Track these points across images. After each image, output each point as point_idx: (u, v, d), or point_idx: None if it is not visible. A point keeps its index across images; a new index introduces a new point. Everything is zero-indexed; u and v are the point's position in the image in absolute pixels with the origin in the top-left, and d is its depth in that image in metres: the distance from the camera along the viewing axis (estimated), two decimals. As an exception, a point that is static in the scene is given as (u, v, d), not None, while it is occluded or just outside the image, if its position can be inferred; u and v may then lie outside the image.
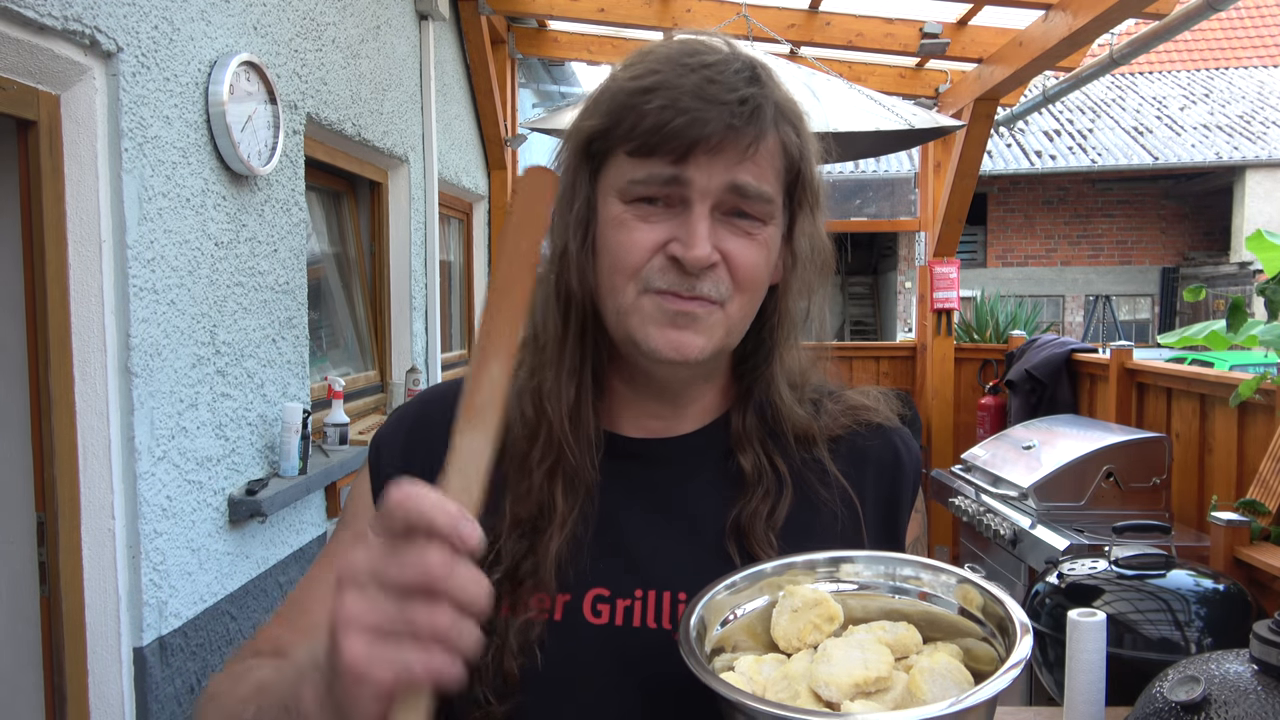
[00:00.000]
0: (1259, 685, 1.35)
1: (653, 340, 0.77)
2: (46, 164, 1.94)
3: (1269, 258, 2.92)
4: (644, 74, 0.77)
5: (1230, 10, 12.70)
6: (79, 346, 2.03)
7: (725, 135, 0.75)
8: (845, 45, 4.96)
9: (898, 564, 0.77)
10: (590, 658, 0.78)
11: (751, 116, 0.76)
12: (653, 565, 0.81)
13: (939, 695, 0.64)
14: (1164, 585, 2.24)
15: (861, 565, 0.77)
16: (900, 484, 0.90)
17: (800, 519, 0.83)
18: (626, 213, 0.78)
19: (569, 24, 5.47)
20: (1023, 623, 0.66)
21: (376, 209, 4.00)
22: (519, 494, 0.81)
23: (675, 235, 0.76)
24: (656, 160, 0.76)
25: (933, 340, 5.62)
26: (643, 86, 0.76)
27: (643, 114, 0.75)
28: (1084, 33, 3.70)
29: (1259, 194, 14.24)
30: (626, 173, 0.77)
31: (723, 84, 0.75)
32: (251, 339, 2.64)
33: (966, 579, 0.74)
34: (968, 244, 15.73)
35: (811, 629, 0.71)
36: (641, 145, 0.76)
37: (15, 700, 2.02)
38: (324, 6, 3.13)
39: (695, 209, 0.76)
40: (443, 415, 0.87)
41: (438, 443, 0.86)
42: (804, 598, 0.72)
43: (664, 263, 0.77)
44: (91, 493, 2.06)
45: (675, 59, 0.78)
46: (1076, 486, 3.24)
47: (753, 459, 0.84)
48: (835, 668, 0.66)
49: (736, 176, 0.76)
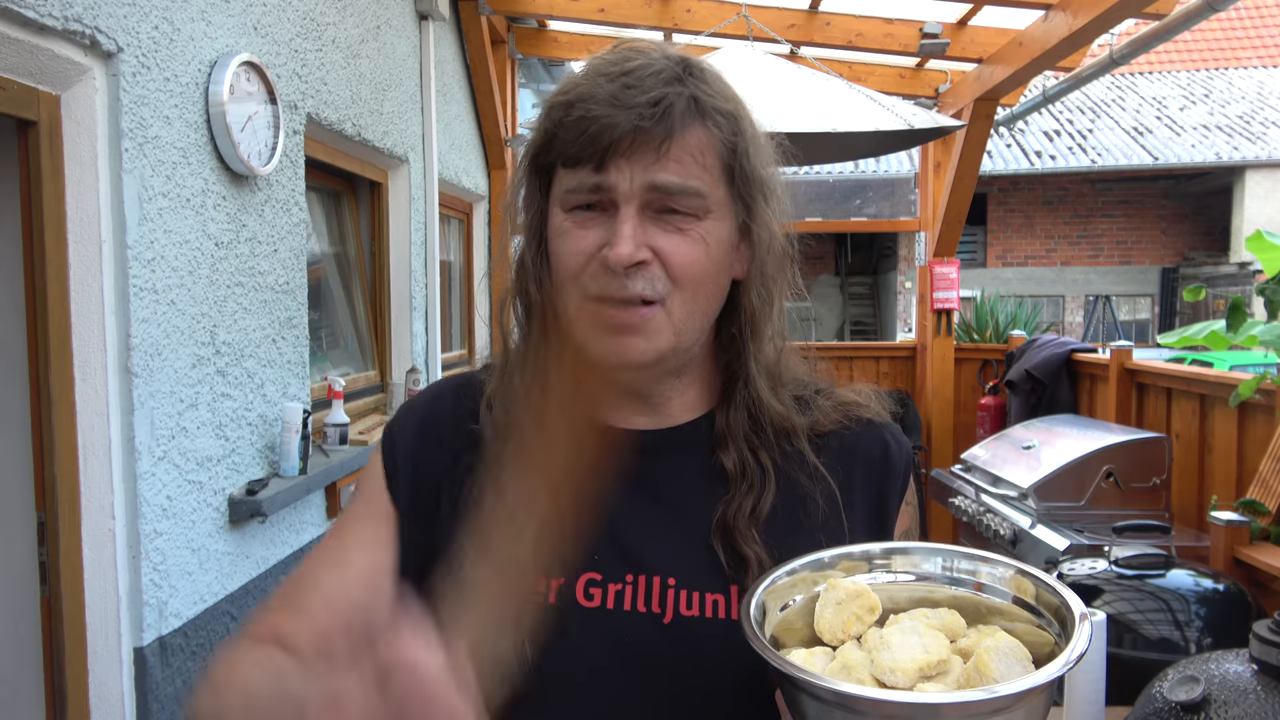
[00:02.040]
0: (1259, 685, 1.35)
1: (594, 348, 0.80)
2: (46, 164, 1.94)
3: (1269, 258, 2.92)
4: (569, 87, 0.81)
5: (1230, 10, 12.70)
6: (79, 346, 2.03)
7: (635, 136, 0.77)
8: (845, 45, 4.96)
9: (954, 556, 0.78)
10: (583, 640, 0.80)
11: (662, 116, 0.78)
12: (643, 551, 0.83)
13: (1006, 673, 0.65)
14: (1164, 585, 2.24)
15: (918, 557, 0.79)
16: (889, 477, 0.91)
17: (784, 511, 0.85)
18: (567, 221, 0.82)
19: (569, 24, 5.47)
20: (1081, 611, 0.68)
21: (376, 209, 4.00)
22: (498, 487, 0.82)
23: (606, 239, 0.79)
24: (581, 169, 0.79)
25: (933, 340, 5.62)
26: (566, 100, 0.80)
27: (565, 126, 0.79)
28: (1084, 33, 3.70)
29: (1259, 194, 14.24)
30: (563, 183, 0.82)
31: (637, 88, 0.78)
32: (251, 339, 2.64)
33: (1022, 569, 0.75)
34: (968, 244, 15.74)
35: (854, 620, 0.72)
36: (568, 157, 0.80)
37: (15, 700, 2.02)
38: (324, 6, 3.13)
39: (621, 211, 0.79)
40: (454, 408, 0.91)
41: (448, 435, 0.89)
42: (846, 590, 0.73)
43: (597, 267, 0.80)
44: (91, 493, 2.06)
45: (600, 69, 0.81)
46: (1076, 486, 3.24)
47: (735, 457, 0.86)
48: (898, 654, 0.67)
49: (655, 176, 0.78)
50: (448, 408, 0.92)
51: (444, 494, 0.87)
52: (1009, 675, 0.65)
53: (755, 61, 3.75)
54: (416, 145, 4.16)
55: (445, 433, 0.90)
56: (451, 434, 0.89)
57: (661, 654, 0.80)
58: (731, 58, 3.76)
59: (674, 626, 0.81)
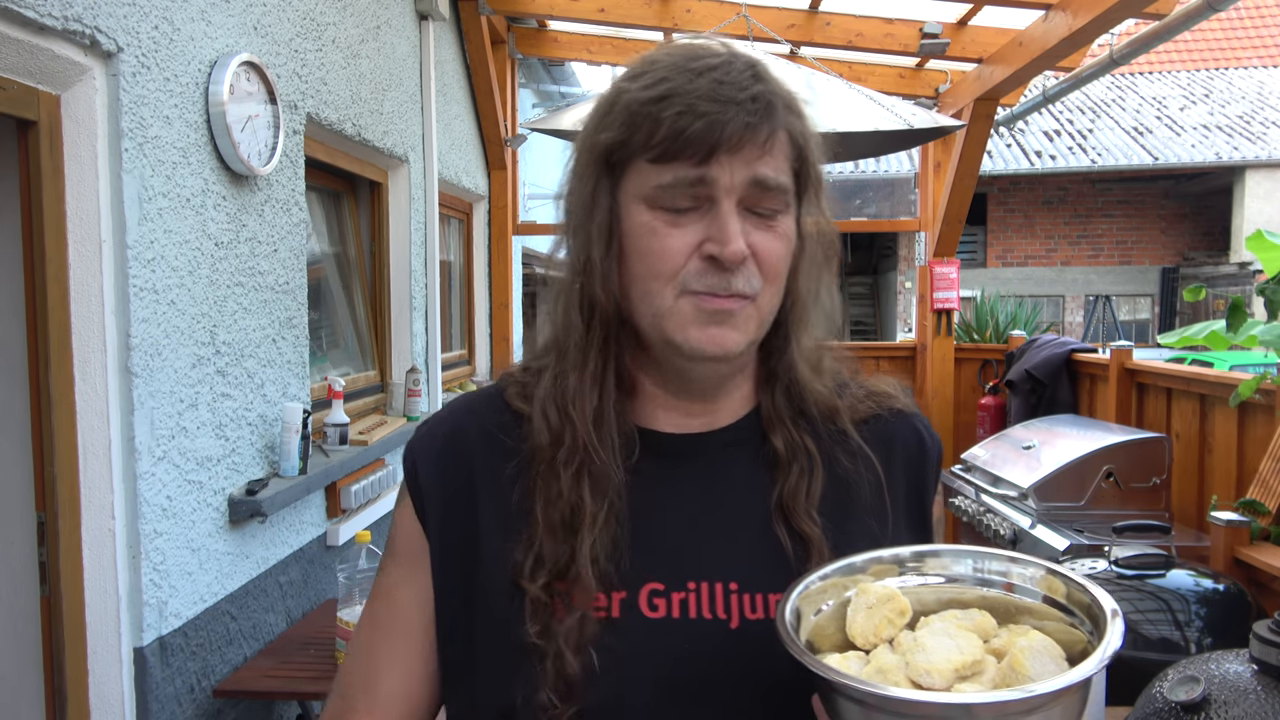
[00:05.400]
0: (1259, 685, 1.35)
1: (693, 340, 0.80)
2: (47, 164, 1.94)
3: (1269, 258, 2.92)
4: (655, 83, 0.79)
5: (1230, 10, 12.70)
6: (79, 346, 2.03)
7: (744, 133, 0.77)
8: (845, 45, 4.96)
9: (985, 558, 0.79)
10: (649, 651, 0.79)
11: (765, 112, 0.78)
12: (702, 557, 0.83)
13: (1041, 671, 0.66)
14: (1164, 585, 2.24)
15: (948, 559, 0.79)
16: (925, 467, 0.93)
17: (833, 494, 0.86)
18: (656, 219, 0.79)
19: (569, 24, 5.47)
20: (1113, 608, 0.69)
21: (376, 209, 4.00)
22: (549, 497, 0.82)
23: (708, 235, 0.78)
24: (680, 164, 0.77)
25: (933, 340, 5.62)
26: (657, 95, 0.78)
27: (660, 121, 0.77)
28: (1084, 33, 3.70)
29: (1259, 194, 14.23)
30: (650, 179, 0.79)
31: (732, 84, 0.77)
32: (251, 339, 2.64)
33: (1052, 569, 0.76)
34: (968, 244, 15.73)
35: (886, 624, 0.72)
36: (663, 152, 0.77)
37: (15, 700, 2.02)
38: (324, 6, 3.13)
39: (723, 206, 0.78)
40: (478, 426, 0.89)
41: (479, 450, 0.87)
42: (877, 594, 0.74)
43: (700, 264, 0.79)
44: (91, 493, 2.06)
45: (681, 65, 0.79)
46: (1076, 486, 3.24)
47: (784, 436, 0.87)
48: (932, 655, 0.68)
49: (757, 170, 0.78)
50: (472, 423, 0.90)
51: (482, 511, 0.85)
52: (1044, 674, 0.66)
53: (755, 61, 3.74)
54: (416, 145, 4.16)
55: (475, 448, 0.88)
56: (483, 449, 0.87)
57: (730, 660, 0.80)
58: (731, 58, 3.75)
59: (740, 631, 0.80)
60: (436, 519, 0.86)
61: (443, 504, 0.87)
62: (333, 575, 3.11)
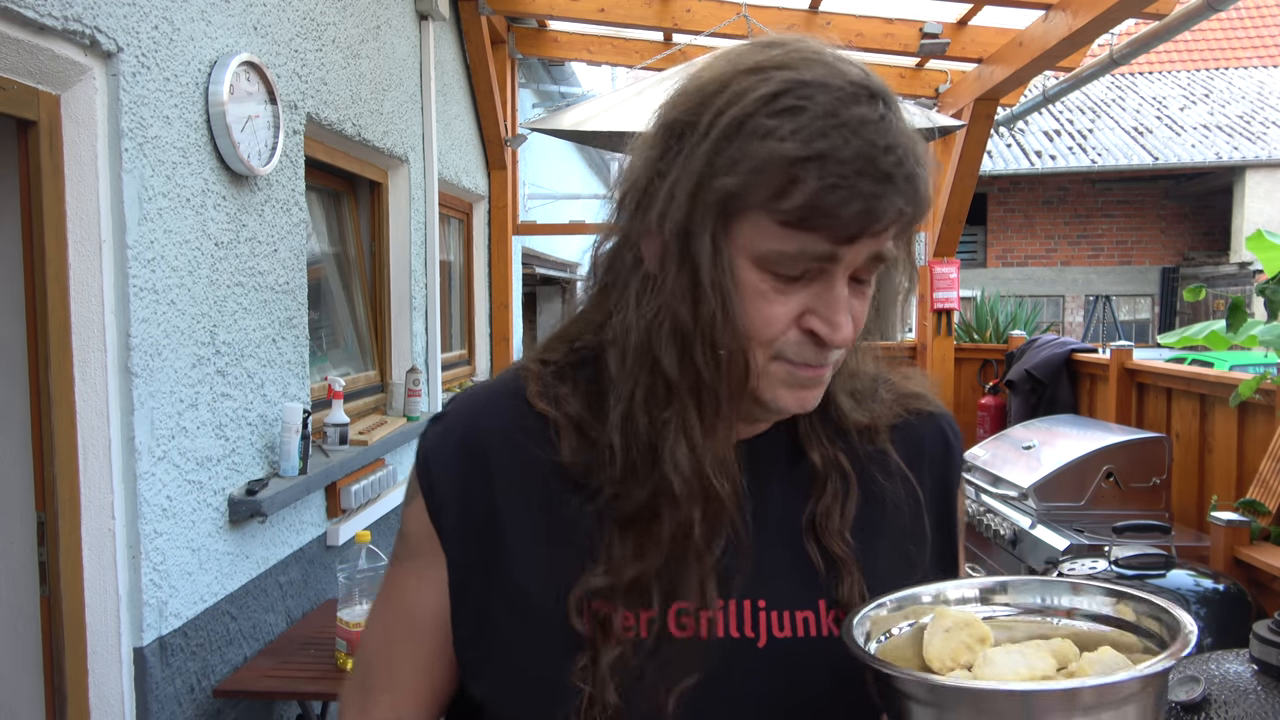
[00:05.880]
0: (1259, 685, 1.35)
1: (781, 400, 0.76)
2: (46, 164, 1.94)
3: (1269, 258, 2.92)
4: (805, 135, 0.67)
5: (1230, 10, 12.69)
6: (79, 346, 2.03)
7: (895, 219, 0.69)
8: (845, 45, 4.81)
9: (1049, 588, 0.77)
10: (678, 671, 0.76)
11: (920, 199, 0.70)
12: (731, 574, 0.79)
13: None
14: (1164, 585, 2.24)
15: (1014, 593, 0.78)
16: (951, 469, 0.90)
17: (868, 514, 0.83)
18: (764, 282, 0.71)
19: (569, 24, 5.47)
20: (1188, 627, 0.67)
21: (376, 209, 4.00)
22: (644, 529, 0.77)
23: (812, 307, 0.72)
24: (813, 237, 0.68)
25: (933, 340, 5.62)
26: (805, 155, 0.66)
27: (802, 184, 0.67)
28: (1084, 33, 3.70)
29: (1259, 194, 14.24)
30: (771, 242, 0.69)
31: (892, 153, 0.68)
32: (251, 339, 2.64)
33: (1123, 593, 0.74)
34: (968, 244, 15.73)
35: (964, 649, 0.71)
36: (799, 220, 0.68)
37: (15, 700, 2.02)
38: (324, 6, 3.13)
39: (838, 283, 0.71)
40: (499, 430, 0.81)
41: (497, 469, 0.80)
42: (955, 619, 0.72)
43: (800, 336, 0.73)
44: (91, 493, 2.06)
45: (834, 109, 0.68)
46: (1076, 486, 3.24)
47: (820, 452, 0.83)
48: (999, 669, 0.67)
49: (882, 247, 0.71)
50: (492, 425, 0.82)
51: (507, 531, 0.79)
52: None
53: (755, 61, 3.74)
54: (416, 145, 4.16)
55: (497, 457, 0.81)
56: (506, 459, 0.81)
57: (759, 678, 0.78)
58: (731, 58, 3.76)
59: (769, 649, 0.78)
60: (454, 533, 0.81)
61: (460, 518, 0.81)
62: (333, 575, 3.11)
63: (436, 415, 0.86)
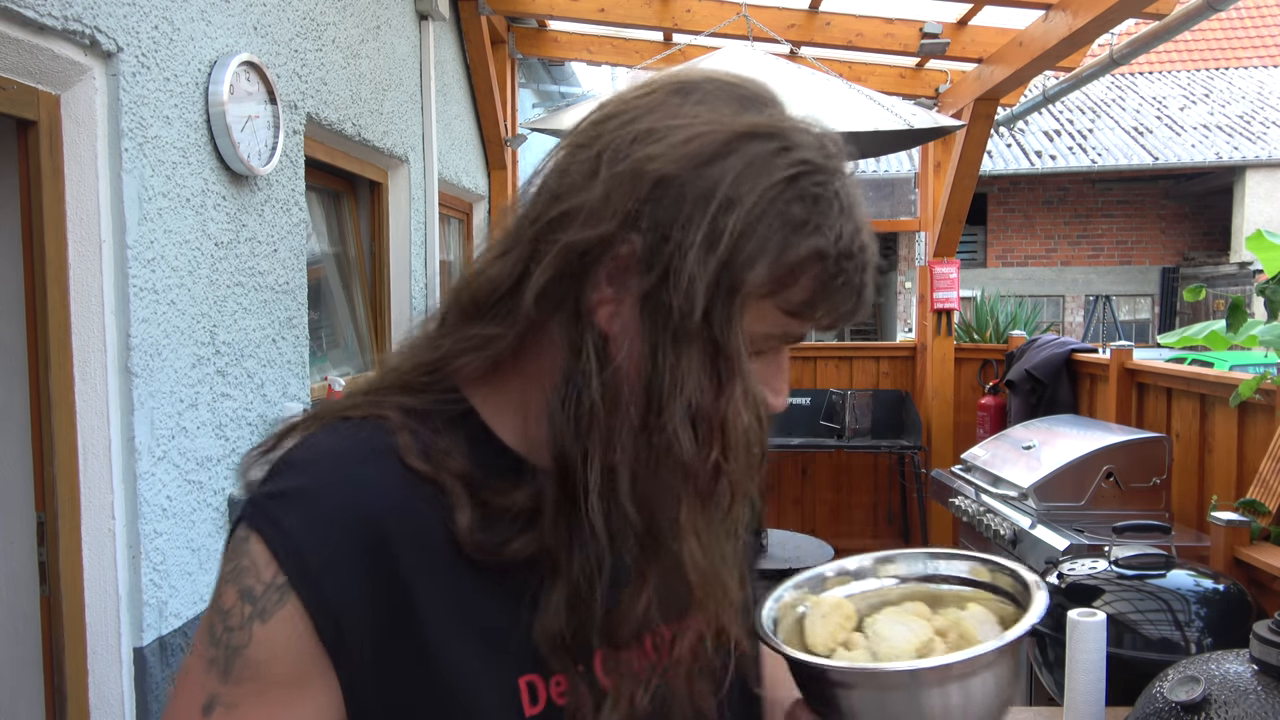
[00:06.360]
0: (1259, 685, 1.35)
1: None
2: (46, 164, 1.94)
3: (1269, 258, 2.92)
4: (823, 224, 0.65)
5: (1230, 10, 12.69)
6: (79, 346, 2.03)
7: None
8: (845, 45, 4.96)
9: (926, 559, 0.89)
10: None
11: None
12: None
13: (988, 635, 0.76)
14: (1164, 585, 2.24)
15: (901, 565, 0.89)
16: None
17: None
18: (750, 361, 0.68)
19: (569, 24, 5.47)
20: (1034, 580, 0.79)
21: (376, 209, 4.00)
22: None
23: (763, 380, 0.70)
24: (802, 322, 0.69)
25: (933, 340, 5.62)
26: (848, 250, 0.66)
27: (815, 277, 0.66)
28: (1084, 33, 3.70)
29: (1259, 194, 14.23)
30: (766, 326, 0.67)
31: (872, 241, 0.69)
32: (251, 339, 2.64)
33: (984, 559, 0.86)
34: (968, 244, 15.73)
35: (840, 629, 0.80)
36: (802, 309, 0.67)
37: (15, 700, 2.02)
38: (324, 6, 3.13)
39: (785, 356, 0.73)
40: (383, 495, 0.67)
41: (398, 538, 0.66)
42: (828, 604, 0.82)
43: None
44: (91, 493, 2.06)
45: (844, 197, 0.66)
46: (1076, 486, 3.24)
47: None
48: (895, 641, 0.76)
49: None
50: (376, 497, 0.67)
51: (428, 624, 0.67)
52: (990, 637, 0.75)
53: (755, 61, 3.74)
54: (416, 145, 4.16)
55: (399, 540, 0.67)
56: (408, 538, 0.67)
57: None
58: (731, 58, 3.76)
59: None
60: (359, 644, 0.65)
61: (370, 615, 0.65)
62: (333, 575, 3.11)
63: (273, 493, 0.68)
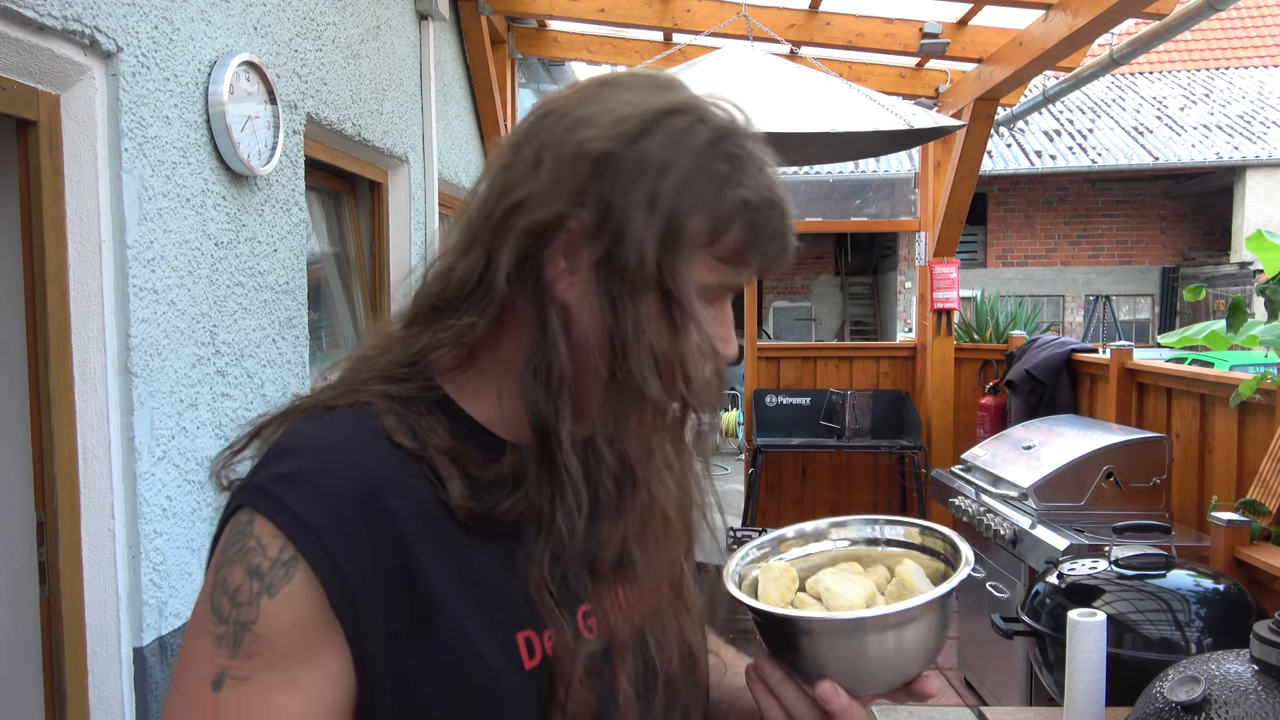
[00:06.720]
0: (1259, 685, 1.35)
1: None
2: (46, 164, 1.94)
3: (1269, 258, 2.92)
4: (766, 186, 0.74)
5: (1230, 10, 12.70)
6: (79, 346, 2.03)
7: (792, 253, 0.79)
8: (845, 45, 4.96)
9: (870, 524, 0.98)
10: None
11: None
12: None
13: (924, 585, 0.84)
14: (1164, 585, 2.24)
15: (852, 529, 0.97)
16: None
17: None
18: (708, 311, 0.78)
19: (569, 24, 5.47)
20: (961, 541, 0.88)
21: (376, 209, 4.00)
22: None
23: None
24: (745, 271, 0.76)
25: (933, 340, 5.62)
26: (772, 200, 0.74)
27: (742, 225, 0.73)
28: (1084, 33, 3.70)
29: (1259, 194, 14.23)
30: (710, 276, 0.75)
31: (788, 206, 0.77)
32: (251, 339, 2.64)
33: (919, 524, 0.95)
34: (968, 244, 15.73)
35: (788, 590, 0.88)
36: (732, 257, 0.75)
37: (15, 700, 2.02)
38: (324, 6, 3.13)
39: (728, 307, 0.80)
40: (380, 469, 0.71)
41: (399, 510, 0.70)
42: (775, 570, 0.90)
43: None
44: (91, 493, 2.06)
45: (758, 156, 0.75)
46: (1076, 486, 3.24)
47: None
48: (847, 595, 0.83)
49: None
50: (375, 471, 0.71)
51: (435, 594, 0.70)
52: (926, 588, 0.83)
53: (755, 61, 3.75)
54: (416, 145, 4.16)
55: (401, 512, 0.71)
56: (408, 510, 0.71)
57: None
58: (731, 58, 3.76)
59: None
60: (373, 617, 0.68)
61: (377, 578, 0.68)
62: (333, 575, 3.11)
63: (273, 477, 0.70)
